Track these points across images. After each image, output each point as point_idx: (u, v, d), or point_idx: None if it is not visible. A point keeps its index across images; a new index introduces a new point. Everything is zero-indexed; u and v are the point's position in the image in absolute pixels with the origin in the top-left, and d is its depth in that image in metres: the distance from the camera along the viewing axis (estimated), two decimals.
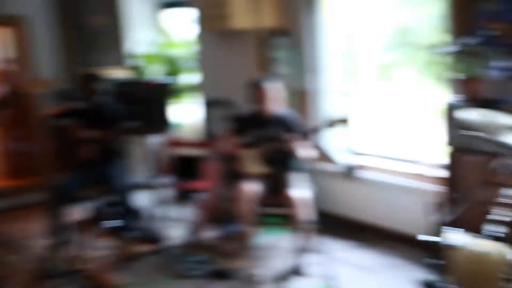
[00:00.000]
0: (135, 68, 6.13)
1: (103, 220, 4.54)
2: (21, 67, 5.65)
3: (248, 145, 4.11)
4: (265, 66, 4.72)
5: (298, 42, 4.79)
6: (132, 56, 6.25)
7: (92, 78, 4.20)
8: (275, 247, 4.28)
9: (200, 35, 5.24)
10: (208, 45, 5.16)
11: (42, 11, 5.55)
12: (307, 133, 3.98)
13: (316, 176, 4.67)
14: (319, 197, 4.54)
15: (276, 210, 4.43)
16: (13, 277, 3.82)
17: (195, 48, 5.42)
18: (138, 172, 5.95)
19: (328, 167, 4.72)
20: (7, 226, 4.91)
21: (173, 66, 5.83)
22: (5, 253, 4.05)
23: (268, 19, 4.66)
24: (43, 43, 5.58)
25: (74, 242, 3.57)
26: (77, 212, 4.74)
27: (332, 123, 3.75)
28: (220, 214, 4.82)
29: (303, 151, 3.94)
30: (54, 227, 3.98)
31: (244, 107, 4.71)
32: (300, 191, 3.86)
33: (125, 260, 3.94)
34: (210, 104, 4.76)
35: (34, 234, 4.69)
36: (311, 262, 3.86)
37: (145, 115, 4.16)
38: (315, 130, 4.27)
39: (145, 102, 4.27)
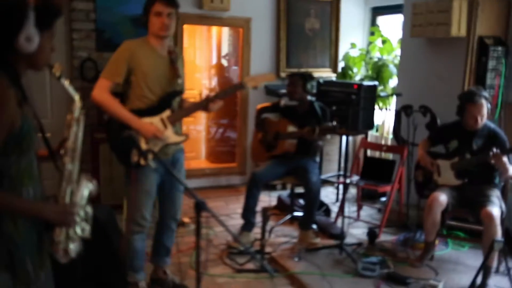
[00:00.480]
0: (343, 71, 6.36)
1: (292, 210, 4.86)
2: (238, 63, 6.27)
3: (447, 156, 4.00)
4: (476, 76, 4.48)
5: None
6: (342, 59, 6.48)
7: (302, 78, 4.43)
8: (457, 262, 4.07)
9: (405, 40, 5.17)
10: (412, 51, 5.07)
11: (263, 13, 6.08)
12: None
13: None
14: (508, 216, 4.19)
15: (463, 224, 4.25)
16: (207, 248, 4.30)
17: (400, 53, 5.37)
18: (331, 169, 6.18)
19: None
20: (210, 202, 5.52)
21: (381, 71, 5.87)
22: (206, 226, 4.56)
23: (484, 28, 4.44)
24: (261, 42, 6.12)
25: (262, 226, 3.86)
26: (270, 199, 5.15)
27: None
28: (405, 219, 4.75)
29: (509, 168, 3.69)
30: (247, 210, 4.37)
31: (442, 116, 4.57)
32: (494, 208, 3.61)
33: (306, 250, 4.13)
34: (407, 110, 4.67)
35: (230, 212, 5.19)
36: (496, 284, 3.61)
37: (346, 116, 4.29)
38: None
39: (348, 103, 4.40)
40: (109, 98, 3.06)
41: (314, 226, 4.51)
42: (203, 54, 7.39)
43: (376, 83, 5.52)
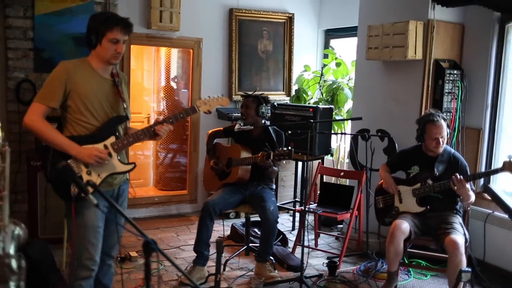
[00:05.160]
0: (297, 94, 6.20)
1: (247, 240, 4.58)
2: (189, 86, 6.01)
3: (408, 182, 3.87)
4: (433, 99, 4.42)
5: (471, 75, 4.45)
6: (296, 82, 6.33)
7: (256, 100, 4.22)
8: None
9: (360, 63, 5.07)
10: (367, 74, 4.98)
11: (214, 34, 5.87)
12: (474, 176, 3.64)
13: (473, 221, 4.25)
14: (473, 244, 4.11)
15: (425, 252, 4.12)
16: (158, 285, 3.96)
17: (355, 76, 5.26)
18: (286, 195, 5.97)
19: (498, 213, 4.23)
20: (160, 233, 5.18)
21: (336, 94, 5.75)
22: (154, 260, 4.22)
23: (440, 51, 4.42)
24: (212, 64, 5.90)
25: (217, 260, 3.57)
26: (220, 228, 4.86)
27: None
28: (365, 248, 4.58)
29: (472, 194, 3.60)
30: (200, 242, 4.05)
31: (400, 140, 4.47)
32: (459, 236, 3.49)
33: (264, 284, 3.86)
34: (365, 134, 4.55)
35: (181, 244, 4.86)
36: None
37: (301, 141, 4.09)
38: (486, 174, 3.95)
39: (307, 128, 4.22)
40: (43, 124, 2.72)
41: (272, 258, 4.25)
42: (151, 76, 7.08)
43: (331, 106, 5.39)
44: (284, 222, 5.72)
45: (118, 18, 2.83)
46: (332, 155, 6.10)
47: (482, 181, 4.47)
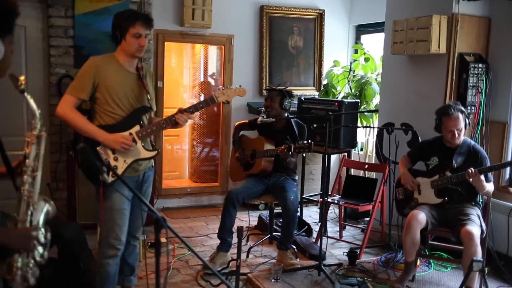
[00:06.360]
0: (326, 88, 6.31)
1: (271, 229, 4.73)
2: (222, 81, 6.21)
3: (427, 174, 3.92)
4: (457, 93, 4.43)
5: (497, 69, 4.44)
6: (325, 77, 6.44)
7: (280, 94, 4.36)
8: (439, 283, 3.95)
9: (386, 58, 5.12)
10: (393, 69, 5.02)
11: (246, 31, 6.05)
12: (489, 168, 3.66)
13: (496, 215, 4.24)
14: (491, 236, 4.11)
15: (446, 244, 4.15)
16: (183, 269, 4.18)
17: (382, 71, 5.32)
18: (314, 188, 6.08)
19: None
20: (190, 222, 5.41)
21: (364, 89, 5.82)
22: (183, 247, 4.44)
23: (464, 45, 4.42)
24: (243, 60, 6.08)
25: (238, 246, 3.74)
26: (247, 218, 5.03)
27: None
28: (387, 239, 4.64)
29: (488, 185, 3.63)
30: (223, 229, 4.24)
31: (423, 133, 4.50)
32: (474, 227, 3.52)
33: (283, 271, 4.00)
34: (389, 128, 4.61)
35: (210, 232, 5.07)
36: None
37: (326, 134, 4.20)
38: (502, 166, 3.95)
39: (329, 121, 4.32)
40: (73, 114, 2.97)
41: (294, 246, 4.38)
42: (190, 73, 7.33)
43: (357, 100, 5.46)
44: (312, 214, 5.84)
45: (139, 14, 3.06)
46: (361, 149, 6.17)
47: (508, 175, 4.45)
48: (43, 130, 1.96)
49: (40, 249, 1.87)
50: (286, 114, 4.44)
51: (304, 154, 4.28)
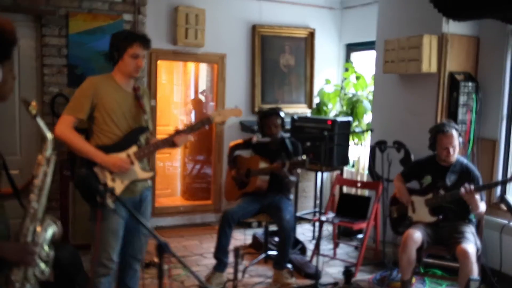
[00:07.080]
0: (318, 106, 6.36)
1: (266, 248, 4.73)
2: (214, 99, 6.24)
3: (421, 192, 3.96)
4: (448, 111, 4.51)
5: (486, 88, 4.52)
6: (317, 95, 6.50)
7: (274, 114, 4.40)
8: None
9: (378, 76, 5.20)
10: (385, 87, 5.10)
11: (238, 49, 6.11)
12: (484, 187, 3.72)
13: (489, 231, 4.29)
14: (485, 252, 4.14)
15: (441, 261, 4.18)
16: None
17: (373, 89, 5.39)
18: (307, 206, 6.10)
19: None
20: (184, 241, 5.39)
21: (355, 107, 5.89)
22: (179, 267, 4.41)
23: (454, 64, 4.51)
24: (236, 78, 6.13)
25: (235, 266, 3.73)
26: (242, 237, 5.02)
27: None
28: (382, 257, 4.66)
29: (481, 204, 3.68)
30: (219, 249, 4.23)
31: (416, 151, 4.56)
32: (469, 245, 3.56)
33: None
34: (381, 146, 4.66)
35: (204, 251, 5.05)
36: None
37: (319, 152, 4.24)
38: (495, 185, 4.01)
39: (321, 139, 4.36)
40: (71, 134, 2.97)
41: (289, 265, 4.38)
42: (181, 90, 7.37)
43: (350, 118, 5.52)
44: (305, 232, 5.84)
45: (137, 35, 3.08)
46: (353, 166, 6.21)
47: (498, 191, 4.51)
48: (53, 154, 2.01)
49: (42, 265, 1.91)
50: (280, 134, 4.47)
51: (299, 171, 4.30)
